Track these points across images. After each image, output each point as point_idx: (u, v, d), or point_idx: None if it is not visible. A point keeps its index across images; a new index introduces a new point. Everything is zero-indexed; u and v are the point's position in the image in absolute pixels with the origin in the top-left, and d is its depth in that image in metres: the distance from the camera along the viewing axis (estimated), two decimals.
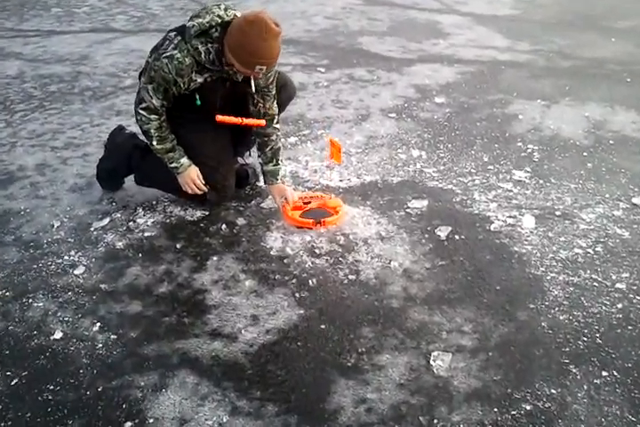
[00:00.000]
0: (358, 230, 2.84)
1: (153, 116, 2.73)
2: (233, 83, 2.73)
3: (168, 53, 2.54)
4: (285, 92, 3.08)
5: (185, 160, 2.86)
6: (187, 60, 2.54)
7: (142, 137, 2.92)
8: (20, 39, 6.18)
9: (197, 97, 2.70)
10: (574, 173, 3.34)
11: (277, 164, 2.99)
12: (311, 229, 2.87)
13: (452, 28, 6.31)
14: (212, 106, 2.76)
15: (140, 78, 2.85)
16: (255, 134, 2.96)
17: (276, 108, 2.92)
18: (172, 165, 2.85)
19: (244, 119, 2.79)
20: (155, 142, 2.79)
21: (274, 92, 2.86)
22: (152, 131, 2.76)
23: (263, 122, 2.83)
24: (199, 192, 2.94)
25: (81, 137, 3.99)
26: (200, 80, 2.64)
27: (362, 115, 4.20)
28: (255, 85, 2.69)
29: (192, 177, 2.89)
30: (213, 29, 2.53)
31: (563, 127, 3.90)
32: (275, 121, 2.93)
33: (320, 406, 1.98)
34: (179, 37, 2.55)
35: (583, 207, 3.00)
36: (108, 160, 3.18)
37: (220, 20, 2.53)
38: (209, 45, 2.54)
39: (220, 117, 2.73)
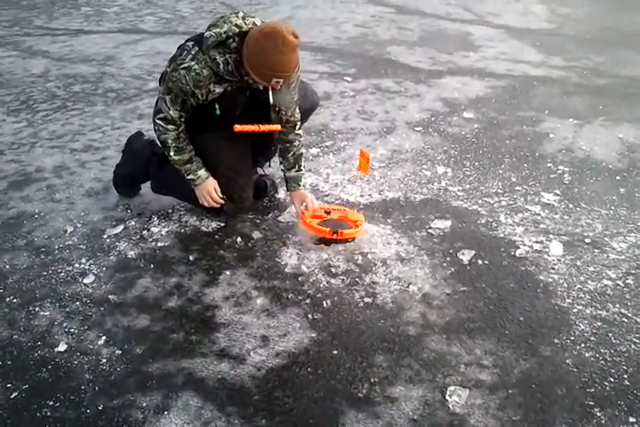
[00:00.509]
0: (377, 250, 2.74)
1: (170, 127, 2.68)
2: (253, 91, 2.65)
3: (186, 64, 2.49)
4: (307, 103, 3.00)
5: (202, 172, 2.80)
6: (204, 71, 2.48)
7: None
8: (48, 37, 6.19)
9: (217, 106, 2.63)
10: (606, 198, 3.21)
11: (300, 170, 2.93)
12: (326, 238, 2.76)
13: (483, 40, 6.21)
14: (232, 115, 2.70)
15: (160, 84, 2.79)
16: (277, 141, 2.90)
17: (298, 115, 2.85)
18: (190, 177, 2.79)
19: (261, 126, 2.72)
20: (172, 153, 2.74)
21: (296, 99, 2.79)
22: (169, 141, 2.71)
23: (279, 127, 2.76)
24: (216, 205, 2.88)
25: (101, 140, 3.94)
26: (219, 90, 2.58)
27: (387, 127, 4.10)
28: (274, 95, 2.61)
29: (209, 189, 2.82)
30: (231, 40, 2.46)
31: (595, 149, 3.78)
32: (297, 127, 2.87)
33: None
34: (196, 48, 2.49)
35: (614, 235, 2.87)
36: (125, 166, 3.12)
37: (237, 30, 2.46)
38: (227, 56, 2.47)
39: (238, 128, 2.66)
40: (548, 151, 3.75)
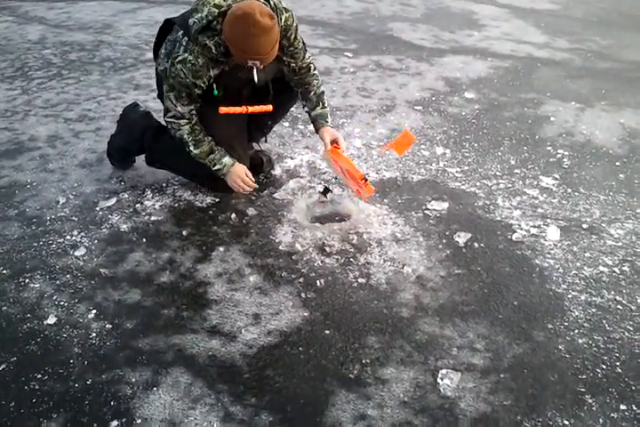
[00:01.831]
0: (372, 230, 2.71)
1: (182, 121, 2.64)
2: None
3: (180, 58, 2.45)
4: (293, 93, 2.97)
5: (227, 159, 2.74)
6: (199, 60, 2.43)
7: (156, 117, 2.81)
8: (44, 3, 6.09)
9: (214, 87, 2.57)
10: (605, 183, 3.18)
11: (324, 107, 2.89)
12: (356, 182, 2.63)
13: (487, 19, 6.12)
14: (233, 93, 2.65)
15: (154, 56, 2.74)
16: (296, 86, 2.87)
17: (308, 58, 2.80)
18: (216, 168, 2.74)
19: (249, 107, 2.67)
20: (191, 147, 2.68)
21: (301, 46, 2.72)
22: (185, 136, 2.66)
23: (270, 108, 2.71)
24: (249, 190, 2.83)
25: (96, 110, 3.88)
26: (216, 72, 2.53)
27: (387, 105, 4.05)
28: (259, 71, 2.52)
29: (240, 175, 2.77)
30: (215, 22, 2.39)
31: (596, 133, 3.73)
32: (311, 70, 2.83)
33: (317, 419, 1.87)
34: (186, 38, 2.44)
35: (612, 221, 2.85)
36: (119, 137, 3.07)
37: (217, 11, 2.39)
38: (216, 38, 2.41)
39: (223, 110, 2.61)
40: (549, 135, 3.71)
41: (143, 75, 4.42)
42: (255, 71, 2.46)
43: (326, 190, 2.88)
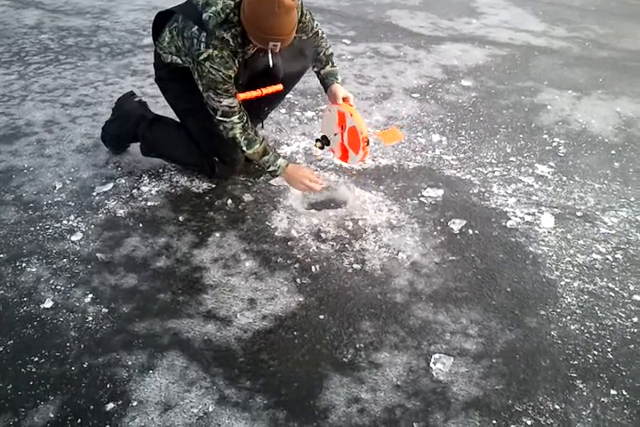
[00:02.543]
0: (368, 217, 2.72)
1: (234, 118, 2.57)
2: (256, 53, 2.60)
3: (204, 55, 2.39)
4: (304, 61, 2.93)
5: (281, 160, 2.69)
6: (224, 52, 2.40)
7: (152, 108, 2.80)
8: None
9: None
10: (600, 171, 3.19)
11: (334, 66, 2.88)
12: (357, 142, 2.66)
13: (486, 7, 6.11)
14: (243, 82, 2.66)
15: (154, 40, 2.73)
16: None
17: (316, 26, 2.80)
18: (270, 169, 2.70)
19: (263, 89, 2.68)
20: (244, 148, 2.63)
21: (309, 17, 2.70)
22: (237, 135, 2.60)
23: (281, 87, 2.72)
24: (319, 189, 2.75)
25: (93, 95, 3.87)
26: (240, 62, 2.52)
27: (384, 93, 4.04)
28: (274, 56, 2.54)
29: (305, 175, 2.71)
30: (232, 14, 2.37)
31: (592, 122, 3.74)
32: (319, 34, 2.83)
33: (310, 402, 1.89)
34: (204, 33, 2.39)
35: (606, 209, 2.86)
36: (114, 125, 3.08)
37: (233, 3, 2.37)
38: (232, 31, 2.39)
39: (241, 96, 2.61)
40: (545, 123, 3.71)
41: (140, 60, 4.41)
42: (270, 55, 2.46)
43: (324, 139, 2.85)
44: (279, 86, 2.71)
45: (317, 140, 2.87)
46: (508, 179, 3.08)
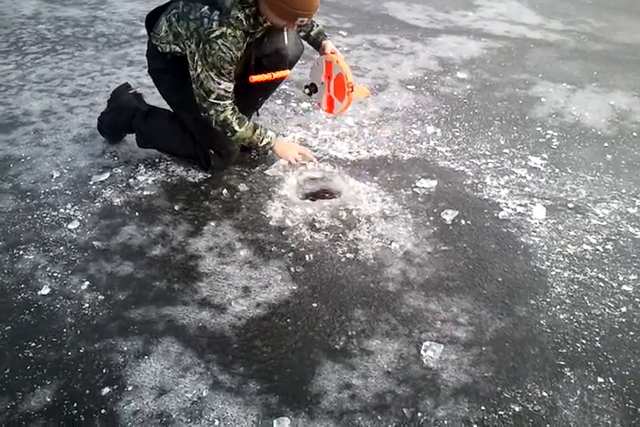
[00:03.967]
0: (362, 207, 2.75)
1: (227, 102, 2.61)
2: (263, 37, 2.64)
3: (217, 32, 2.39)
4: (300, 45, 2.97)
5: (271, 132, 2.78)
6: (237, 32, 2.42)
7: (148, 98, 2.83)
8: None
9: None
10: (592, 164, 3.22)
11: (318, 26, 2.97)
12: (342, 88, 2.82)
13: None
14: (248, 67, 2.69)
15: (148, 32, 2.74)
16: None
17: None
18: (264, 142, 2.77)
19: (274, 73, 2.74)
20: (237, 127, 2.66)
21: None
22: (229, 117, 2.63)
23: (289, 72, 2.82)
24: (307, 161, 2.92)
25: (90, 85, 3.89)
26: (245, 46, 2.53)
27: (379, 84, 4.07)
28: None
29: (294, 145, 2.87)
30: None
31: (586, 115, 3.77)
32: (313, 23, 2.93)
33: (303, 388, 1.93)
34: (217, 12, 2.38)
35: (597, 201, 2.90)
36: (109, 117, 3.11)
37: None
38: (246, 11, 2.40)
39: (254, 78, 2.63)
40: (539, 115, 3.74)
41: (137, 51, 4.42)
42: (286, 35, 2.54)
43: (313, 86, 2.99)
44: (288, 72, 2.77)
45: (306, 87, 3.01)
46: (501, 170, 3.11)
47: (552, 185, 3.01)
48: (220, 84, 2.53)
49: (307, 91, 3.00)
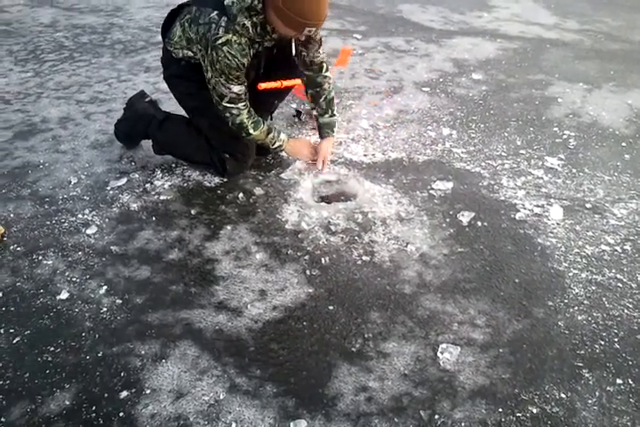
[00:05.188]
0: (377, 209, 2.75)
1: (241, 105, 2.63)
2: (273, 47, 2.64)
3: (222, 39, 2.40)
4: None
5: (284, 135, 2.84)
6: (242, 39, 2.42)
7: (166, 104, 2.85)
8: None
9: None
10: (610, 163, 3.20)
11: (333, 115, 2.97)
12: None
13: (497, 0, 6.08)
14: (257, 75, 2.70)
15: (163, 36, 2.76)
16: (307, 86, 2.92)
17: (322, 56, 2.82)
18: (276, 145, 2.83)
19: (283, 82, 2.76)
20: (252, 130, 2.71)
21: (318, 38, 2.73)
22: (245, 120, 2.67)
23: (299, 81, 2.82)
24: (321, 159, 2.95)
25: (107, 92, 3.93)
26: (252, 53, 2.54)
27: (394, 87, 4.07)
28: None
29: (304, 143, 2.93)
30: (256, 1, 2.37)
31: (603, 114, 3.74)
32: (324, 69, 2.86)
33: (319, 390, 1.93)
34: (224, 17, 2.38)
35: (615, 201, 2.87)
36: (125, 124, 3.15)
37: None
38: (253, 19, 2.40)
39: (262, 86, 2.66)
40: (555, 115, 3.72)
41: (154, 57, 4.46)
42: (294, 45, 2.56)
43: (298, 113, 3.49)
44: (298, 81, 2.78)
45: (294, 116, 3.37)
46: (517, 171, 3.09)
47: (569, 185, 2.99)
48: (230, 88, 2.55)
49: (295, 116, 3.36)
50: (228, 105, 2.60)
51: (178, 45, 2.67)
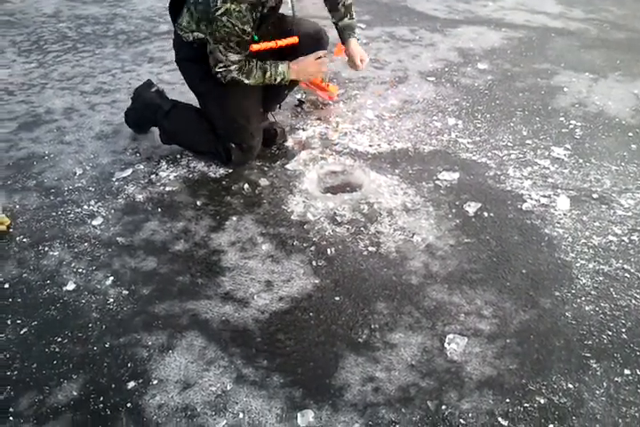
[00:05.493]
0: (383, 200, 2.74)
1: (233, 67, 2.61)
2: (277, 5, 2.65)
3: (221, 10, 2.39)
4: (320, 47, 2.97)
5: (281, 67, 2.73)
6: (242, 6, 2.40)
7: (169, 94, 2.85)
8: None
9: (254, 34, 2.60)
10: (617, 153, 3.18)
11: (352, 17, 3.03)
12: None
13: None
14: (266, 38, 2.70)
15: (173, 21, 2.75)
16: None
17: None
18: (278, 80, 2.75)
19: (278, 41, 2.75)
20: (246, 80, 2.67)
21: None
22: (235, 76, 2.64)
23: (296, 39, 2.82)
24: (325, 68, 2.93)
25: (111, 83, 3.91)
26: (257, 16, 2.52)
27: (399, 77, 4.04)
28: None
29: (308, 63, 2.81)
30: None
31: (609, 104, 3.71)
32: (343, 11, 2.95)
33: (326, 381, 1.93)
34: None
35: (622, 192, 2.86)
36: (133, 114, 3.16)
37: None
38: None
39: (255, 47, 2.62)
40: (561, 105, 3.69)
41: (157, 47, 4.44)
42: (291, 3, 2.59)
43: (301, 102, 3.56)
44: (295, 39, 2.79)
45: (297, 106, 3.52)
46: (523, 161, 3.08)
47: (576, 176, 2.97)
48: (227, 56, 2.55)
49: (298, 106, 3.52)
50: (220, 70, 2.61)
51: (187, 29, 2.68)
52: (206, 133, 2.91)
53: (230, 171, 2.96)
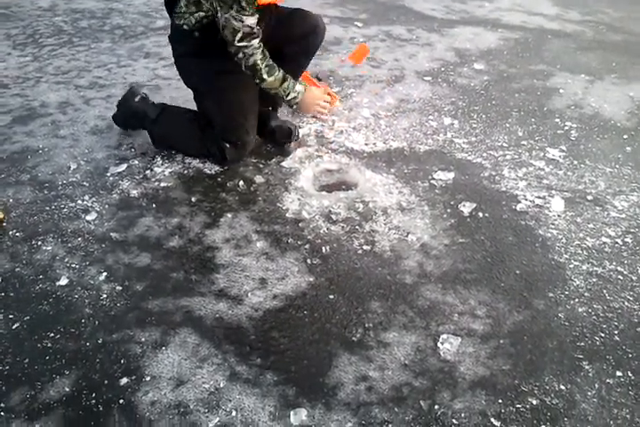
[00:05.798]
0: (378, 199, 2.74)
1: (254, 42, 2.54)
2: None
3: None
4: (317, 38, 2.94)
5: (300, 86, 2.74)
6: None
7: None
8: None
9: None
10: (611, 156, 3.19)
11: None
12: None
13: None
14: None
15: (170, 13, 2.73)
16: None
17: None
18: (290, 97, 2.74)
19: None
20: (265, 75, 2.63)
21: None
22: (258, 62, 2.59)
23: None
24: (326, 112, 2.96)
25: (106, 77, 3.90)
26: None
27: (396, 76, 4.04)
28: None
29: (318, 98, 2.84)
30: None
31: (604, 106, 3.72)
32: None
33: (320, 379, 1.93)
34: None
35: (617, 194, 2.87)
36: (121, 119, 3.17)
37: None
38: None
39: (262, 0, 2.52)
40: (557, 106, 3.71)
41: (153, 43, 4.42)
42: None
43: (318, 79, 3.65)
44: None
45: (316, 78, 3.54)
46: (519, 162, 3.08)
47: (570, 177, 2.98)
48: (242, 20, 2.46)
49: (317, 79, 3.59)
50: (242, 44, 2.52)
51: (187, 14, 2.63)
52: (196, 138, 2.90)
53: (226, 167, 2.95)
